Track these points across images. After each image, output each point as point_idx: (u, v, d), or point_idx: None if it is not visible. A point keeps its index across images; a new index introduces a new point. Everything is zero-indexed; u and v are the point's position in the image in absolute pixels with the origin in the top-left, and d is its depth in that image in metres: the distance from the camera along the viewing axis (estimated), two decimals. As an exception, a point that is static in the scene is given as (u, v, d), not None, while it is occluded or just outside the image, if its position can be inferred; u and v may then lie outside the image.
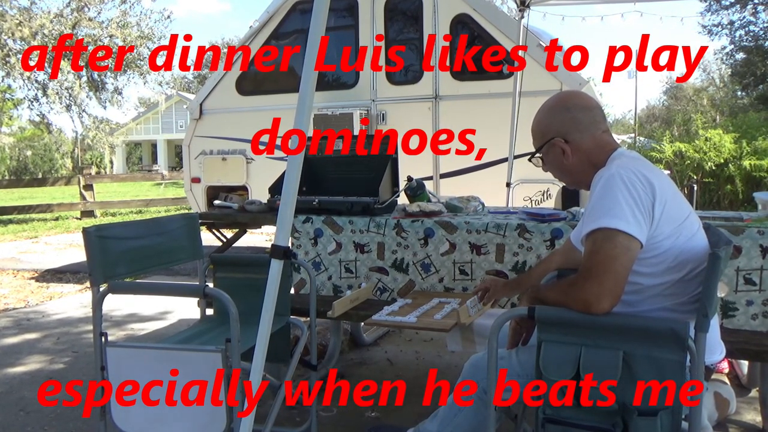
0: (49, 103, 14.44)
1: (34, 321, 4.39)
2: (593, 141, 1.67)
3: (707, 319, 1.39)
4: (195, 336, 2.27)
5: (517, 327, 1.76)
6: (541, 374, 1.46)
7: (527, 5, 4.52)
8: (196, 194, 6.28)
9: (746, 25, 20.63)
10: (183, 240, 2.38)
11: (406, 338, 3.76)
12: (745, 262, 2.27)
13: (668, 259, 1.51)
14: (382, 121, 5.63)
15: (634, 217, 1.45)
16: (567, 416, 1.47)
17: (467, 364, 1.79)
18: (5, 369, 3.37)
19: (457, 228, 2.65)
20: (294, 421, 2.57)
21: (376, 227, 2.78)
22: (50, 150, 28.95)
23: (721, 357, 1.67)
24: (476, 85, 5.38)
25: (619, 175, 1.50)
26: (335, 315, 2.38)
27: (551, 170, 1.77)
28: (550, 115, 1.72)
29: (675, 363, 1.38)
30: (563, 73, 5.04)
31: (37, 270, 6.36)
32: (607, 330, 1.43)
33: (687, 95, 30.57)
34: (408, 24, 5.67)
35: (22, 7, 13.93)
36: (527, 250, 2.55)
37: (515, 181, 4.74)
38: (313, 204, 2.91)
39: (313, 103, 1.62)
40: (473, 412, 1.72)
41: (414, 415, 2.51)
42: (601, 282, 1.43)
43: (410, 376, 3.11)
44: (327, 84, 5.86)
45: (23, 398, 2.94)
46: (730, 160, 8.90)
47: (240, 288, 2.28)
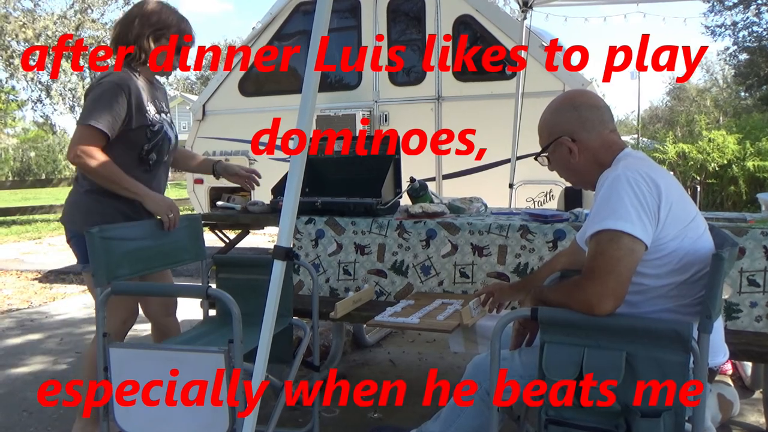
0: (52, 104, 14.48)
1: (38, 322, 4.40)
2: (600, 140, 1.66)
3: (710, 320, 1.39)
4: (198, 337, 2.27)
5: (520, 328, 1.75)
6: (544, 375, 1.46)
7: (530, 6, 4.51)
8: (198, 195, 6.28)
9: (750, 25, 20.60)
10: (186, 241, 2.39)
11: (408, 339, 3.76)
12: (748, 264, 2.26)
13: (673, 260, 1.51)
14: (384, 121, 5.63)
15: (639, 218, 1.45)
16: (569, 417, 1.47)
17: (470, 365, 1.79)
18: (8, 370, 3.38)
19: (460, 229, 2.65)
20: (296, 421, 2.57)
21: (378, 228, 2.78)
22: (54, 151, 29.02)
23: (725, 359, 1.66)
24: (479, 86, 5.38)
25: (624, 176, 1.49)
26: (338, 316, 2.38)
27: (557, 169, 1.77)
28: (557, 114, 1.72)
29: (678, 364, 1.37)
30: (566, 73, 5.04)
31: (40, 271, 6.37)
32: (610, 331, 1.43)
33: (690, 96, 30.52)
34: (410, 25, 5.67)
35: (25, 9, 13.98)
36: (530, 251, 2.55)
37: (518, 182, 4.74)
38: (315, 205, 2.91)
39: (315, 104, 1.62)
40: (476, 413, 1.72)
41: (416, 415, 2.51)
42: (603, 283, 1.43)
43: (413, 377, 3.11)
44: (330, 85, 5.86)
45: (26, 399, 2.95)
46: (733, 161, 8.87)
47: (242, 289, 2.28)
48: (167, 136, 2.38)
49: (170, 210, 2.28)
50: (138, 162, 2.31)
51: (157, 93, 2.41)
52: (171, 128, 2.42)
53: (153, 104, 2.32)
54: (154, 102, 2.34)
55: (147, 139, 2.29)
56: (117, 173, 2.19)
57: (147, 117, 2.27)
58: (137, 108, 2.23)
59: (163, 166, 2.43)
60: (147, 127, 2.28)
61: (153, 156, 2.34)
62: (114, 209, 2.28)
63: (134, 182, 2.24)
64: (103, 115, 2.15)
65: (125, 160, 2.25)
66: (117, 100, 2.17)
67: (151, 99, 2.33)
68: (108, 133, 2.16)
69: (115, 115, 2.17)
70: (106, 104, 2.16)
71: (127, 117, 2.21)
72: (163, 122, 2.35)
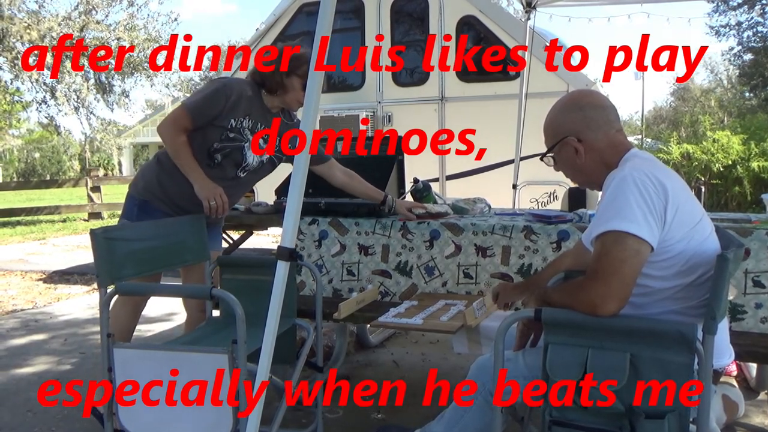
0: (57, 106, 14.51)
1: (42, 322, 4.41)
2: (607, 140, 1.66)
3: (715, 321, 1.38)
4: (201, 337, 2.28)
5: (524, 329, 1.75)
6: (547, 376, 1.46)
7: (533, 6, 4.51)
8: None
9: (754, 26, 20.51)
10: (190, 242, 2.39)
11: (412, 340, 3.76)
12: (753, 264, 2.25)
13: (679, 262, 1.50)
14: (388, 122, 5.63)
15: (645, 220, 1.44)
16: (573, 418, 1.46)
17: (473, 365, 1.79)
18: (13, 370, 3.39)
19: (463, 230, 2.65)
20: (300, 422, 2.57)
21: (382, 229, 2.78)
22: (58, 152, 29.13)
23: (730, 360, 1.66)
24: (482, 86, 5.38)
25: (631, 177, 1.49)
26: (341, 317, 2.38)
27: (563, 169, 1.76)
28: (563, 114, 1.71)
29: (683, 365, 1.37)
30: (570, 74, 5.03)
31: (44, 271, 6.39)
32: (614, 332, 1.42)
33: (694, 96, 30.42)
34: (414, 25, 5.68)
35: (30, 11, 14.02)
36: (533, 252, 2.54)
37: (521, 183, 4.73)
38: (319, 206, 2.91)
39: (319, 105, 1.62)
40: (479, 414, 1.72)
41: (420, 416, 2.50)
42: (608, 284, 1.42)
43: (416, 378, 3.11)
44: (333, 86, 5.87)
45: (30, 399, 2.95)
46: (738, 162, 8.85)
47: (246, 289, 2.28)
48: (243, 152, 2.48)
49: (215, 196, 2.39)
50: (205, 154, 2.44)
51: (266, 116, 2.52)
52: (251, 152, 2.52)
53: (249, 119, 2.46)
54: (251, 118, 2.47)
55: (220, 140, 2.43)
56: (182, 148, 2.37)
57: (231, 122, 2.42)
58: (229, 110, 2.39)
59: (233, 176, 2.52)
60: (225, 129, 2.42)
61: (218, 157, 2.46)
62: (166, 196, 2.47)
63: (192, 162, 2.39)
64: (197, 102, 2.37)
65: (196, 146, 2.42)
66: (216, 96, 2.38)
67: (250, 114, 2.46)
68: (191, 116, 2.36)
69: (207, 107, 2.37)
70: (204, 95, 2.39)
71: (219, 114, 2.39)
72: (246, 139, 2.47)
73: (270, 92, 2.49)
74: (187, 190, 2.40)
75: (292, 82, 2.45)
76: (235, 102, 2.40)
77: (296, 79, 2.44)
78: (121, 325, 2.47)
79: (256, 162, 2.56)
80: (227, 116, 2.40)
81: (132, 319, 2.56)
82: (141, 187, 2.49)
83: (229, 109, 2.39)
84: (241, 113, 2.43)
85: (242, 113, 2.44)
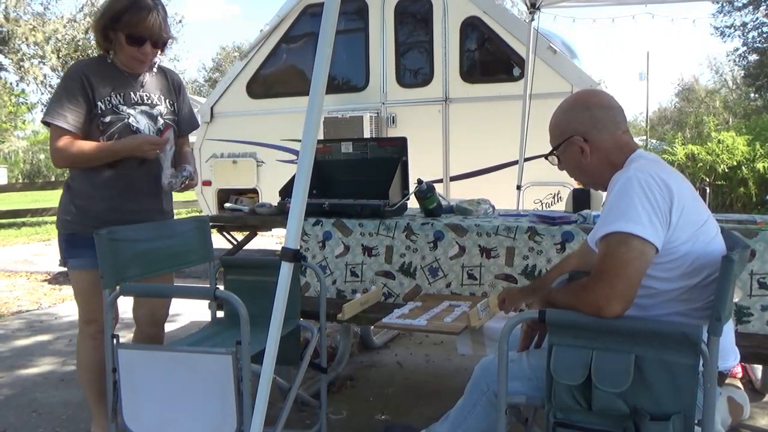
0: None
1: (47, 323, 4.42)
2: (612, 140, 1.65)
3: (720, 323, 1.38)
4: (206, 338, 2.28)
5: (528, 330, 1.75)
6: (552, 378, 1.46)
7: (537, 7, 4.50)
8: (206, 197, 6.31)
9: (759, 26, 20.47)
10: (194, 243, 2.39)
11: (416, 341, 3.76)
12: (759, 266, 2.24)
13: (684, 264, 1.50)
14: (392, 123, 5.63)
15: (650, 221, 1.44)
16: (578, 420, 1.46)
17: (477, 367, 1.79)
18: (18, 370, 3.40)
19: (467, 231, 2.64)
20: (304, 423, 2.57)
21: (386, 230, 2.78)
22: (63, 153, 29.19)
23: (735, 362, 1.65)
24: (486, 87, 5.37)
25: (636, 178, 1.48)
26: (345, 318, 2.38)
27: (568, 169, 1.76)
28: (569, 114, 1.71)
29: (687, 367, 1.36)
30: (574, 75, 5.02)
31: (49, 272, 6.41)
32: (619, 333, 1.42)
33: (699, 97, 30.33)
34: (418, 26, 5.67)
35: (35, 13, 14.09)
36: (537, 253, 2.54)
37: (525, 184, 4.72)
38: (323, 207, 2.91)
39: (323, 106, 1.62)
40: (483, 415, 1.71)
41: (424, 417, 2.50)
42: (612, 285, 1.42)
43: (420, 379, 3.10)
44: (337, 87, 5.87)
45: (35, 400, 2.96)
46: (743, 163, 8.81)
47: (250, 290, 2.28)
48: (131, 127, 2.19)
49: (146, 142, 2.16)
50: None
51: (131, 82, 2.23)
52: (142, 122, 2.22)
53: (116, 94, 2.18)
54: (116, 92, 2.18)
55: (101, 132, 2.17)
56: (85, 149, 2.13)
57: (100, 107, 2.15)
58: (93, 91, 2.14)
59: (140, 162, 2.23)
60: (99, 117, 2.16)
61: None
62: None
63: (101, 145, 2.13)
64: (60, 105, 2.14)
65: None
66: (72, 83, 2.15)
67: (114, 88, 2.17)
68: (68, 125, 2.13)
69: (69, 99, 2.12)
70: (60, 93, 2.17)
71: (88, 100, 2.14)
72: (126, 115, 2.19)
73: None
74: (107, 202, 2.21)
75: (119, 38, 2.13)
76: (93, 83, 2.13)
77: (120, 35, 2.12)
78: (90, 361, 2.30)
79: (153, 129, 2.25)
80: (95, 101, 2.13)
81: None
82: (63, 221, 2.26)
83: (92, 89, 2.13)
84: (105, 93, 2.15)
85: (106, 92, 2.16)
